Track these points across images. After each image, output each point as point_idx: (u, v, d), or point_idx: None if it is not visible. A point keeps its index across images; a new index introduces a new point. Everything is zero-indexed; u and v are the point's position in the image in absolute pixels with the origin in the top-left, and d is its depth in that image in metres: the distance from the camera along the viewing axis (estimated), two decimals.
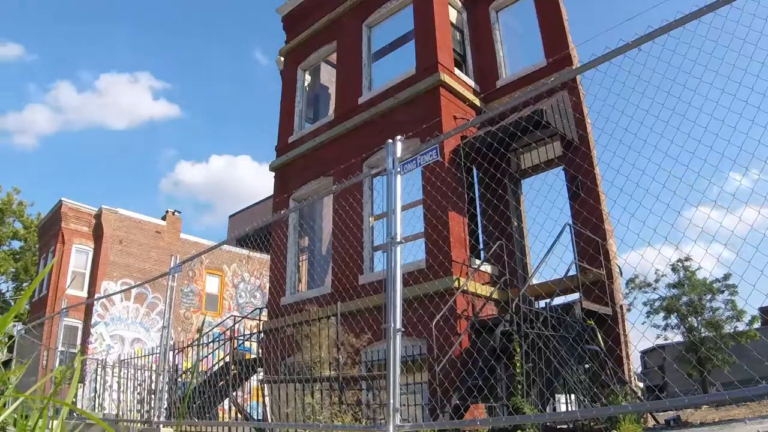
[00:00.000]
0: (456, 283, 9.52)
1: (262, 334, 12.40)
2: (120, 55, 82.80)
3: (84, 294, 23.01)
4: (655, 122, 3.32)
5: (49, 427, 1.70)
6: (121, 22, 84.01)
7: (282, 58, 16.47)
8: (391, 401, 3.49)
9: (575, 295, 8.72)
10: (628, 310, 18.40)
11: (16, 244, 33.78)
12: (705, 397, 2.93)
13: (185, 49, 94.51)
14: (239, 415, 10.69)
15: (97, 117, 78.57)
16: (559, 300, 8.72)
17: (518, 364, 7.23)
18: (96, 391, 11.68)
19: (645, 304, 26.62)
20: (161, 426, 6.12)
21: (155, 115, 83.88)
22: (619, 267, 9.41)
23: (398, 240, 3.85)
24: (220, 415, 11.88)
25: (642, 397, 9.93)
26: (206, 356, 12.03)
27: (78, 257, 23.71)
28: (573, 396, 7.95)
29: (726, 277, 24.17)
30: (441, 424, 5.10)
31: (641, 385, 13.08)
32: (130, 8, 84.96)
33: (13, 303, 32.87)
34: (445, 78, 11.41)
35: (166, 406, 6.36)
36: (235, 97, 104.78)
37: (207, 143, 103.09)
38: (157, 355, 7.16)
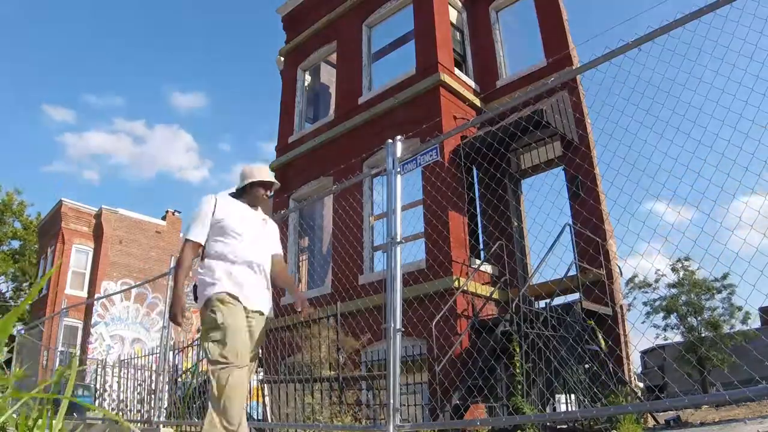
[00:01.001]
0: (456, 283, 9.52)
1: None
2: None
3: (84, 294, 23.01)
4: (655, 122, 3.32)
5: (49, 426, 1.70)
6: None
7: (282, 58, 16.48)
8: (391, 401, 3.49)
9: (575, 295, 8.72)
10: (628, 310, 18.42)
11: (16, 244, 33.80)
12: (705, 397, 2.93)
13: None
14: None
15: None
16: (559, 300, 8.72)
17: (518, 364, 7.23)
18: (96, 391, 11.68)
19: (645, 304, 26.63)
20: (161, 426, 6.12)
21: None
22: (619, 267, 9.41)
23: (398, 240, 3.85)
24: None
25: (642, 397, 9.93)
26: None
27: (78, 257, 23.71)
28: (573, 396, 7.95)
29: (724, 276, 24.17)
30: (441, 424, 5.10)
31: (641, 385, 13.09)
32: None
33: (12, 303, 32.86)
34: (445, 78, 11.41)
35: (166, 406, 6.36)
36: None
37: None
38: (157, 355, 7.16)
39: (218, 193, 3.45)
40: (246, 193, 3.46)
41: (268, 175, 3.54)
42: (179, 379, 10.00)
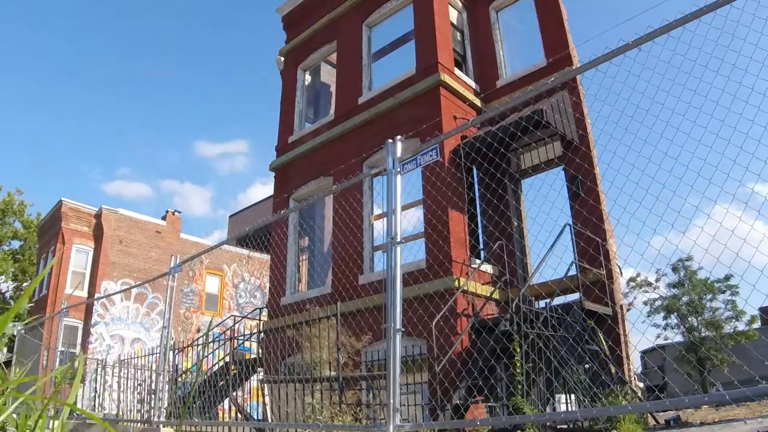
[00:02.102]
0: (456, 283, 9.52)
1: (262, 334, 12.40)
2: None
3: (84, 294, 23.00)
4: (655, 122, 3.32)
5: (50, 427, 1.70)
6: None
7: (282, 58, 16.48)
8: (391, 401, 3.49)
9: (575, 295, 8.72)
10: (628, 310, 18.41)
11: (17, 244, 33.78)
12: (705, 397, 2.93)
13: None
14: (239, 415, 10.69)
15: None
16: (559, 300, 8.72)
17: (518, 364, 7.23)
18: (96, 391, 11.68)
19: (645, 303, 26.64)
20: (161, 426, 6.12)
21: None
22: (619, 267, 9.40)
23: (398, 240, 3.85)
24: (220, 415, 11.88)
25: (642, 397, 9.92)
26: (206, 356, 12.03)
27: (78, 257, 23.70)
28: (573, 396, 7.95)
29: (727, 278, 24.20)
30: (441, 424, 5.10)
31: (641, 385, 13.08)
32: None
33: (13, 303, 32.85)
34: (445, 78, 11.41)
35: (166, 406, 6.36)
36: None
37: None
38: (157, 355, 7.16)
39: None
40: None
41: None
42: (179, 379, 10.01)
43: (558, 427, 7.53)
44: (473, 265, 10.22)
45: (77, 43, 74.59)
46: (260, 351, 11.86)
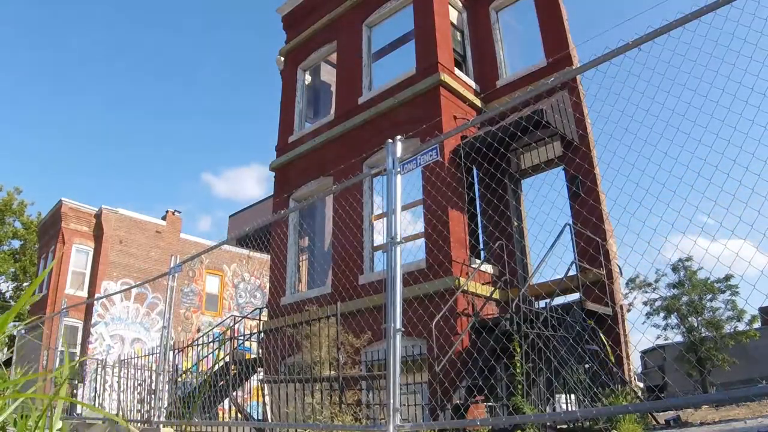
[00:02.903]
0: (456, 283, 9.52)
1: (262, 334, 12.40)
2: None
3: (84, 294, 23.00)
4: (655, 122, 3.32)
5: (49, 426, 1.70)
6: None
7: (282, 58, 16.48)
8: (391, 401, 3.49)
9: (575, 295, 8.71)
10: (628, 310, 18.41)
11: (17, 244, 33.78)
12: (705, 397, 2.93)
13: None
14: (239, 415, 10.68)
15: None
16: (559, 300, 8.71)
17: (518, 364, 7.23)
18: (96, 391, 11.68)
19: (645, 303, 26.65)
20: (161, 426, 6.12)
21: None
22: (619, 267, 9.40)
23: (398, 240, 3.85)
24: (220, 415, 11.88)
25: (642, 397, 9.92)
26: (206, 356, 12.03)
27: (78, 257, 23.70)
28: (573, 396, 7.95)
29: (727, 278, 24.20)
30: (441, 424, 5.10)
31: (641, 385, 13.09)
32: None
33: (13, 303, 32.84)
34: (445, 78, 11.40)
35: (166, 406, 6.36)
36: None
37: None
38: (157, 355, 7.16)
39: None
40: None
41: None
42: (179, 379, 10.01)
43: (558, 427, 7.53)
44: (473, 265, 10.22)
45: (82, 56, 74.55)
46: (260, 351, 11.86)
